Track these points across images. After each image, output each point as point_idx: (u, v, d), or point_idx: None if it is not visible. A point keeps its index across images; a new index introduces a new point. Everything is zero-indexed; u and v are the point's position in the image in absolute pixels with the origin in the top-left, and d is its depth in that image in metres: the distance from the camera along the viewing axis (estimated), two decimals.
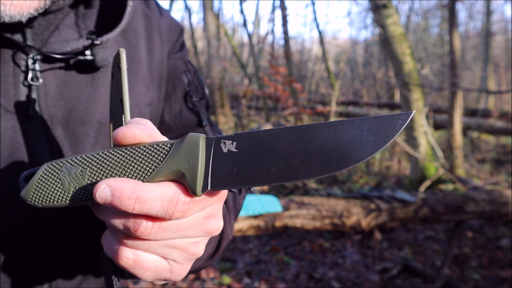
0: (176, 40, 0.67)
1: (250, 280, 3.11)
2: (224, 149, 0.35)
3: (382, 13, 4.44)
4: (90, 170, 0.35)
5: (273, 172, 0.34)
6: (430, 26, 18.42)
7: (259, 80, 5.97)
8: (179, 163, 0.34)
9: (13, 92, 0.46)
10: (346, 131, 0.34)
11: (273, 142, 0.34)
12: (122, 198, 0.34)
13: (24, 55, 0.47)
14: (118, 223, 0.36)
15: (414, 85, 4.36)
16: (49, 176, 0.35)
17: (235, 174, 0.34)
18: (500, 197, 2.72)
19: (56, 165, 0.35)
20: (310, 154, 0.34)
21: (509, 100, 9.67)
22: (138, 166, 0.35)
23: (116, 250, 0.38)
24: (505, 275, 2.89)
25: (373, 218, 2.30)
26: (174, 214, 0.36)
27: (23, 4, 0.42)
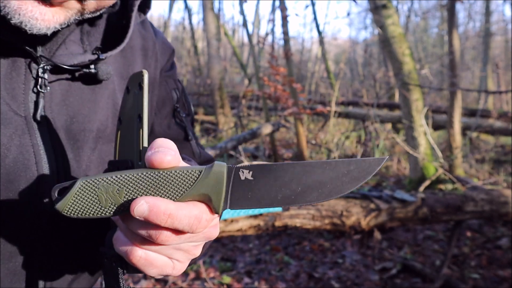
0: (168, 60, 0.74)
1: (250, 279, 3.12)
2: (242, 177, 0.43)
3: (382, 13, 4.45)
4: (126, 189, 0.41)
5: (280, 197, 0.43)
6: (430, 26, 18.44)
7: (259, 80, 5.98)
8: (206, 187, 0.42)
9: (23, 97, 0.51)
10: (337, 169, 0.43)
11: (282, 174, 0.43)
12: (158, 213, 0.40)
13: (36, 64, 0.52)
14: (143, 232, 0.42)
15: (414, 85, 4.37)
16: (86, 192, 0.40)
17: (249, 197, 0.43)
18: (499, 197, 2.73)
19: (92, 182, 0.40)
20: (310, 185, 0.43)
21: (508, 100, 9.68)
22: (171, 187, 0.41)
23: (130, 250, 0.44)
24: (505, 274, 2.90)
25: (372, 218, 2.31)
26: (197, 229, 0.43)
27: (51, 20, 0.47)
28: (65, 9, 0.48)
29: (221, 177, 0.42)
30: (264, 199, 0.43)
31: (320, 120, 8.59)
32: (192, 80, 11.99)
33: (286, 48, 5.46)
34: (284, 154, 6.22)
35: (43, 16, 0.46)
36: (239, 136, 4.84)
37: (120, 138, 0.48)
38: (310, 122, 8.36)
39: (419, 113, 4.38)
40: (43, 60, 0.52)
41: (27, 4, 0.45)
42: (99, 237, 0.58)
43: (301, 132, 5.34)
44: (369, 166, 0.44)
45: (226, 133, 8.36)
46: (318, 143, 6.93)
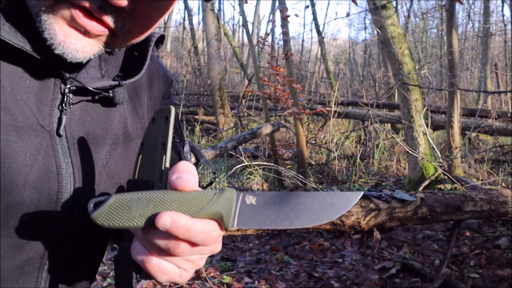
0: (167, 89, 0.82)
1: (250, 279, 3.13)
2: (247, 201, 0.51)
3: (381, 14, 4.46)
4: (153, 204, 0.48)
5: (277, 220, 0.52)
6: (429, 27, 18.45)
7: (259, 80, 5.98)
8: (219, 207, 0.49)
9: (49, 113, 0.57)
10: (323, 200, 0.53)
11: (280, 201, 0.52)
12: (178, 227, 0.47)
13: (63, 84, 0.58)
14: (162, 242, 0.49)
15: (413, 86, 4.38)
16: (118, 205, 0.47)
17: (252, 218, 0.51)
18: (498, 196, 2.74)
19: (124, 197, 0.48)
20: (301, 212, 0.52)
21: (507, 100, 9.70)
22: (190, 205, 0.49)
23: (147, 258, 0.50)
24: (504, 274, 2.91)
25: (372, 217, 2.32)
26: (208, 243, 0.50)
27: (89, 51, 0.54)
28: (101, 42, 0.55)
29: (232, 199, 0.50)
30: (264, 221, 0.52)
31: (320, 120, 8.59)
32: (192, 80, 11.99)
33: (286, 48, 5.47)
34: (284, 154, 6.23)
35: (83, 48, 0.53)
36: (239, 136, 4.85)
37: (141, 161, 0.55)
38: (310, 122, 8.37)
39: (418, 113, 4.40)
40: (71, 82, 0.58)
41: (71, 38, 0.51)
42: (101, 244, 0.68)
43: (301, 132, 5.35)
44: (348, 198, 0.54)
45: (226, 133, 8.36)
46: (318, 143, 6.94)
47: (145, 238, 0.50)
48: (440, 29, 15.42)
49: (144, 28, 0.57)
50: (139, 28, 0.57)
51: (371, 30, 19.47)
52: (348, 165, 6.09)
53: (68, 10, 0.50)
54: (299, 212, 0.52)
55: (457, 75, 5.21)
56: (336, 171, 5.78)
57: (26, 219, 0.54)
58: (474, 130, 6.41)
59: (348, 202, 0.53)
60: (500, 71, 12.16)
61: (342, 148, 6.62)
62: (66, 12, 0.50)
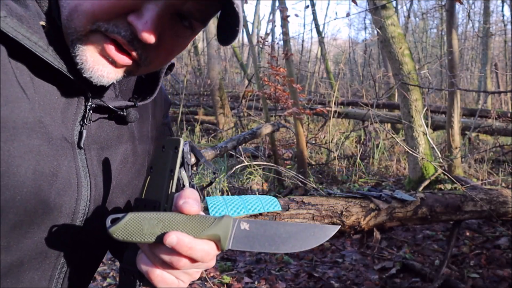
0: (167, 110, 0.90)
1: (250, 279, 3.13)
2: (241, 227, 0.58)
3: (381, 14, 4.46)
4: (162, 224, 0.55)
5: (266, 245, 0.59)
6: (429, 27, 18.44)
7: (259, 80, 5.98)
8: (218, 230, 0.57)
9: (71, 127, 0.62)
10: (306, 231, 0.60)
11: (268, 228, 0.59)
12: (182, 245, 0.54)
13: (86, 102, 0.64)
14: (166, 257, 0.56)
15: (413, 86, 4.38)
16: (132, 222, 0.54)
17: (245, 242, 0.58)
18: (498, 196, 2.74)
19: (137, 216, 0.54)
20: (286, 239, 0.59)
21: (507, 100, 9.69)
22: (194, 227, 0.56)
23: (151, 269, 0.57)
24: (504, 274, 2.91)
25: (372, 217, 2.32)
26: (206, 260, 0.57)
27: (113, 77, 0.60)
28: (123, 70, 0.61)
29: (229, 224, 0.57)
30: (255, 245, 0.59)
31: (320, 120, 8.59)
32: (192, 80, 11.99)
33: (286, 48, 5.47)
34: (284, 154, 6.22)
35: (108, 75, 0.59)
36: (239, 136, 4.84)
37: (149, 182, 0.61)
38: (310, 122, 8.36)
39: (418, 113, 4.39)
40: (92, 100, 0.64)
41: (99, 65, 0.58)
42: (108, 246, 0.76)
43: (301, 132, 5.35)
44: (327, 231, 0.61)
45: (226, 133, 8.36)
46: (318, 143, 6.94)
47: (151, 252, 0.57)
48: (440, 29, 15.41)
49: (164, 61, 0.65)
50: (160, 60, 0.64)
51: (371, 30, 19.46)
52: (348, 165, 6.09)
53: (100, 41, 0.56)
54: (284, 240, 0.59)
55: (457, 75, 5.20)
56: (336, 171, 5.78)
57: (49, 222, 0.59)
58: (474, 130, 6.41)
59: (327, 233, 0.61)
60: (500, 71, 12.16)
61: (342, 148, 6.62)
62: (98, 42, 0.56)
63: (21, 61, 0.55)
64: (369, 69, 8.21)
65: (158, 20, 0.56)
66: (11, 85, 0.54)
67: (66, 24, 0.56)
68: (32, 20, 0.54)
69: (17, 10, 0.53)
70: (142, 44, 0.57)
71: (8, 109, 0.53)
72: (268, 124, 5.31)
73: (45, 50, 0.55)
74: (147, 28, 0.55)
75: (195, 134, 8.42)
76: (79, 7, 0.54)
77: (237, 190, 4.89)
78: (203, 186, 3.55)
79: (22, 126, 0.54)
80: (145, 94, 0.72)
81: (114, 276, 3.18)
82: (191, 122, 9.03)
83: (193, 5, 0.58)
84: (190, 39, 0.65)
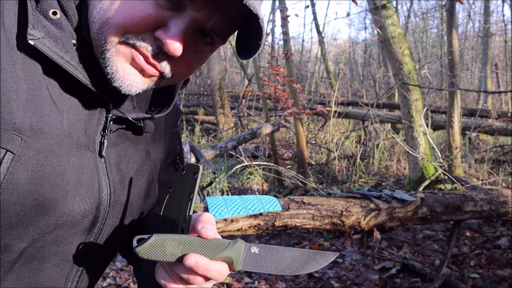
0: (177, 120, 0.94)
1: (250, 279, 3.13)
2: (252, 250, 0.65)
3: (381, 13, 4.45)
4: (183, 246, 0.61)
5: (272, 267, 0.66)
6: (429, 27, 18.43)
7: (259, 80, 5.98)
8: (231, 253, 0.63)
9: (93, 136, 0.66)
10: (308, 255, 0.68)
11: (275, 253, 0.67)
12: (199, 266, 0.60)
13: (107, 113, 0.68)
14: (184, 275, 0.62)
15: (413, 86, 4.38)
16: (156, 243, 0.59)
17: (254, 264, 0.65)
18: (498, 196, 2.74)
19: (161, 237, 0.60)
20: (291, 263, 0.67)
21: (508, 100, 9.69)
22: (210, 250, 0.62)
23: (169, 283, 0.64)
24: (504, 274, 2.91)
25: (372, 217, 2.32)
26: (218, 279, 0.63)
27: (140, 87, 0.64)
28: (151, 81, 0.66)
29: (241, 248, 0.64)
30: (263, 267, 0.66)
31: (320, 120, 8.59)
32: (192, 80, 11.99)
33: (286, 48, 5.46)
34: (284, 154, 6.22)
35: (137, 84, 0.63)
36: (239, 136, 4.84)
37: (167, 201, 0.67)
38: (310, 122, 8.36)
39: (418, 113, 4.39)
40: (113, 111, 0.68)
41: (130, 74, 0.62)
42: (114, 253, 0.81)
43: (301, 132, 5.35)
44: (327, 256, 0.70)
45: (226, 133, 8.36)
46: (318, 143, 6.94)
47: (170, 269, 0.64)
48: (440, 29, 15.41)
49: (185, 74, 0.69)
50: (182, 74, 0.68)
51: (371, 30, 19.46)
52: (348, 165, 6.09)
53: (130, 52, 0.60)
54: (288, 263, 0.67)
55: (457, 75, 5.20)
56: (336, 171, 5.78)
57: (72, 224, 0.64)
58: (474, 130, 6.40)
59: (328, 259, 0.69)
60: (500, 71, 12.16)
61: (342, 148, 6.61)
62: (128, 52, 0.60)
63: (52, 77, 0.60)
64: (369, 69, 8.21)
65: (183, 35, 0.60)
66: (45, 100, 0.59)
67: (96, 37, 0.60)
68: (66, 40, 0.59)
69: (54, 31, 0.58)
70: (166, 57, 0.61)
71: (43, 121, 0.58)
72: (268, 124, 5.30)
73: (75, 68, 0.60)
74: (173, 42, 0.59)
75: (195, 134, 8.41)
76: (110, 20, 0.58)
77: (237, 190, 4.89)
78: (203, 186, 3.55)
79: (54, 137, 0.59)
80: (161, 106, 0.76)
81: (113, 276, 3.18)
82: (191, 122, 9.02)
83: (216, 21, 0.62)
84: (209, 55, 0.69)
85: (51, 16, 0.59)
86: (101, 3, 0.60)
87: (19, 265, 0.61)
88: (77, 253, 0.67)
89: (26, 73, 0.57)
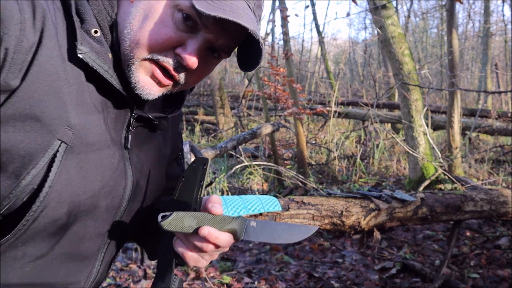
0: (180, 121, 1.09)
1: (250, 279, 3.12)
2: (251, 224, 0.81)
3: (381, 13, 4.45)
4: (197, 220, 0.76)
5: (267, 237, 0.82)
6: (429, 27, 18.42)
7: (259, 80, 5.98)
8: (236, 226, 0.79)
9: (120, 132, 0.80)
10: (295, 228, 0.85)
11: (269, 226, 0.83)
12: (211, 236, 0.75)
13: (131, 113, 0.81)
14: (198, 243, 0.77)
15: (413, 86, 4.38)
16: (177, 218, 0.74)
17: (253, 235, 0.81)
18: (498, 196, 2.73)
19: (180, 214, 0.75)
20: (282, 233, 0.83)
21: (508, 100, 9.69)
22: (218, 223, 0.77)
23: (186, 251, 0.79)
24: (504, 274, 2.91)
25: (372, 217, 2.31)
26: (225, 246, 0.79)
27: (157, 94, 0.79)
28: (166, 89, 0.80)
29: (243, 222, 0.80)
30: (259, 237, 0.82)
31: (320, 120, 8.58)
32: None
33: (286, 48, 5.46)
34: (284, 154, 6.22)
35: (154, 93, 0.78)
36: (239, 136, 4.84)
37: (181, 188, 0.82)
38: (310, 122, 8.36)
39: (418, 113, 4.39)
40: (136, 111, 0.81)
41: (149, 85, 0.76)
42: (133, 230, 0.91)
43: (301, 132, 5.35)
44: (309, 229, 0.86)
45: (226, 133, 8.35)
46: (318, 143, 6.94)
47: (186, 239, 0.78)
48: (440, 29, 15.40)
49: (195, 82, 0.83)
50: (192, 82, 0.81)
51: (371, 30, 19.45)
52: (348, 165, 6.09)
53: (151, 67, 0.75)
54: (280, 234, 0.84)
55: (458, 75, 5.20)
56: (336, 171, 5.77)
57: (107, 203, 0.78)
58: (474, 130, 6.40)
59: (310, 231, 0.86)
60: (500, 71, 12.15)
61: (342, 148, 6.61)
62: (149, 67, 0.75)
63: (92, 83, 0.73)
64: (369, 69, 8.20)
65: (198, 52, 0.75)
66: (88, 102, 0.71)
67: (125, 53, 0.74)
68: (104, 54, 0.72)
69: (96, 46, 0.71)
70: (184, 69, 0.76)
71: (88, 120, 0.71)
72: (268, 124, 5.30)
73: (111, 76, 0.72)
74: (191, 57, 0.74)
75: (195, 134, 8.41)
76: (140, 41, 0.72)
77: (237, 190, 4.88)
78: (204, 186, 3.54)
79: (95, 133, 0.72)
80: (173, 107, 0.91)
81: (113, 276, 3.18)
82: (191, 122, 9.02)
83: (224, 41, 0.77)
84: (215, 66, 0.83)
85: (93, 34, 0.71)
86: (131, 25, 0.73)
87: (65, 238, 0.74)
88: (108, 229, 0.81)
89: (74, 80, 0.69)
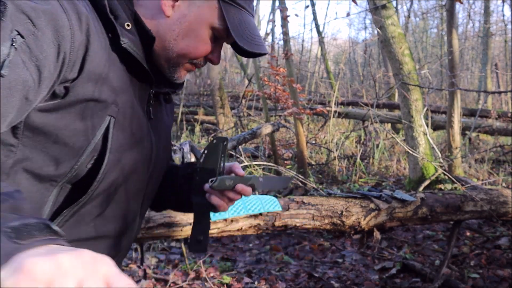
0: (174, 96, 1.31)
1: (250, 279, 3.12)
2: (260, 180, 1.06)
3: (381, 13, 4.45)
4: (233, 180, 0.98)
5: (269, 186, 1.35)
6: (429, 26, 18.42)
7: (259, 80, 5.98)
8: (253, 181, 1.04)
9: (144, 105, 0.96)
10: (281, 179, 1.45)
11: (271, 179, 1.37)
12: (242, 189, 0.99)
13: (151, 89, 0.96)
14: (232, 195, 0.99)
15: (413, 86, 4.38)
16: (222, 181, 0.96)
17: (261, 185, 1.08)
18: (499, 196, 2.73)
19: (223, 178, 0.96)
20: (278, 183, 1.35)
21: (508, 100, 9.69)
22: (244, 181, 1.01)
23: (221, 202, 1.00)
24: (504, 274, 2.91)
25: (372, 217, 2.31)
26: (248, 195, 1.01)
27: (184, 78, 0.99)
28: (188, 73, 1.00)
29: (257, 178, 1.05)
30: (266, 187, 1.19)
31: (320, 120, 8.58)
32: (192, 80, 11.98)
33: (286, 48, 5.46)
34: (284, 154, 6.22)
35: (184, 78, 0.99)
36: (239, 136, 4.84)
37: (205, 157, 1.01)
38: (310, 122, 8.36)
39: (418, 113, 4.39)
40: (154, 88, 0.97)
41: (182, 73, 0.98)
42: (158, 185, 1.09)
43: (301, 132, 5.35)
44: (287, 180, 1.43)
45: (226, 133, 8.35)
46: (318, 143, 6.94)
47: (221, 194, 0.99)
48: (440, 29, 15.40)
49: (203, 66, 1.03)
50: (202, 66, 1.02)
51: (371, 30, 19.44)
52: (348, 165, 6.09)
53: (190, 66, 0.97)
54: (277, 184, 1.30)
55: (458, 75, 5.20)
56: (336, 171, 5.77)
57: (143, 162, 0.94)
58: (474, 130, 6.40)
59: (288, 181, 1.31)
60: (500, 71, 12.16)
61: (342, 148, 6.61)
62: (188, 67, 0.97)
63: (126, 65, 0.88)
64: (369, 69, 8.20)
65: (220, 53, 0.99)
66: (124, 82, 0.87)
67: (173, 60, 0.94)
68: (137, 42, 0.88)
69: (131, 37, 0.87)
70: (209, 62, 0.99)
71: (126, 97, 0.87)
72: (268, 124, 5.30)
73: (144, 60, 0.89)
74: (217, 59, 0.99)
75: (195, 134, 8.41)
76: (186, 54, 0.93)
77: None
78: None
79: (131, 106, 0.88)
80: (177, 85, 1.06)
81: None
82: (191, 122, 9.02)
83: None
84: None
85: (126, 27, 0.86)
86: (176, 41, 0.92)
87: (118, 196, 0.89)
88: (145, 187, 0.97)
89: (115, 66, 0.84)
